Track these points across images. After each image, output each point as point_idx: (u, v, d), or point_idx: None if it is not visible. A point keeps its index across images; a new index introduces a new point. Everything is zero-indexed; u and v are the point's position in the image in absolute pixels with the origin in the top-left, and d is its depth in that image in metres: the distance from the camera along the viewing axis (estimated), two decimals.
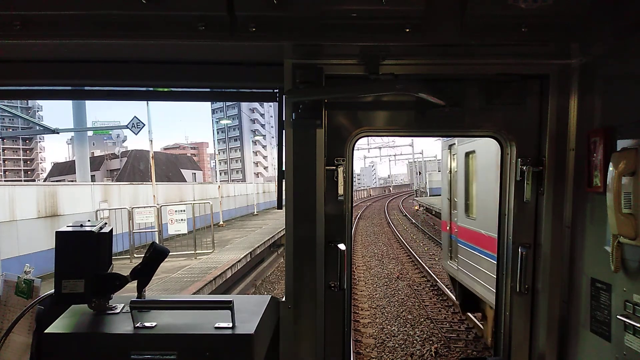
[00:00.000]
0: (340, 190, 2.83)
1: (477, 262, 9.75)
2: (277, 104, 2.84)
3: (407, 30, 2.27)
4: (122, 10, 2.18)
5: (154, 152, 29.62)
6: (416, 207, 50.01)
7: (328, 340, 2.91)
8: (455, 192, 11.72)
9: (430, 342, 10.96)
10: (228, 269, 16.20)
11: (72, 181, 36.90)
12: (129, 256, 18.84)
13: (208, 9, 2.19)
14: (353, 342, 10.79)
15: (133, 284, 2.54)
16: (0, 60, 2.69)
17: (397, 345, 10.84)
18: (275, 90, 2.88)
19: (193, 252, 19.46)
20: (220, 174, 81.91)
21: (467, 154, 10.52)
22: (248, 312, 2.44)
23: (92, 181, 29.89)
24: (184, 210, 21.53)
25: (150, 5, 2.10)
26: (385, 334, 11.66)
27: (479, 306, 10.39)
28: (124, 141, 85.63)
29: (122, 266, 3.57)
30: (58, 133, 25.35)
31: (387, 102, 2.88)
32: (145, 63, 2.78)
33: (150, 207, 22.49)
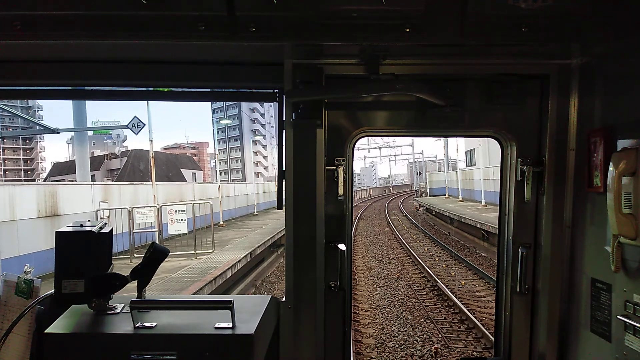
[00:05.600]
0: (341, 190, 2.83)
1: None
2: (277, 104, 2.84)
3: (407, 30, 2.27)
4: (122, 10, 2.17)
5: (154, 152, 29.60)
6: (416, 207, 50.06)
7: (328, 341, 2.91)
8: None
9: (430, 342, 10.96)
10: (228, 269, 16.20)
11: (72, 181, 36.95)
12: (129, 256, 18.83)
13: (208, 9, 2.19)
14: (353, 342, 10.79)
15: (133, 284, 2.53)
16: (0, 60, 2.69)
17: (397, 346, 10.84)
18: (275, 90, 2.88)
19: (193, 252, 19.46)
20: (221, 173, 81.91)
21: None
22: (248, 312, 2.43)
23: (92, 181, 29.89)
24: (184, 210, 21.53)
25: (150, 5, 2.10)
26: (385, 334, 11.66)
27: None
28: (124, 141, 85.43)
29: (122, 266, 3.57)
30: (58, 133, 25.34)
31: (387, 102, 2.88)
32: (145, 63, 2.77)
33: (150, 207, 22.48)
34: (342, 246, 2.82)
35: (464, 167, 51.45)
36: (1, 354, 2.37)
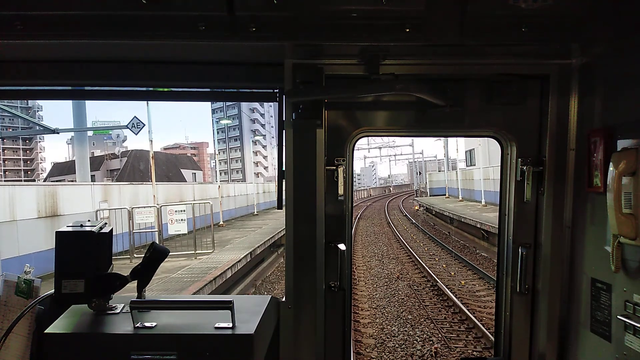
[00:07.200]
0: (341, 190, 2.83)
1: None
2: (277, 104, 2.84)
3: (407, 30, 2.27)
4: (122, 10, 2.18)
5: (154, 152, 29.59)
6: (416, 207, 50.07)
7: (328, 340, 2.91)
8: None
9: (430, 342, 10.96)
10: (228, 269, 16.19)
11: (72, 181, 36.92)
12: (129, 256, 18.84)
13: (208, 9, 2.19)
14: (353, 342, 10.79)
15: (133, 284, 2.53)
16: (0, 60, 2.69)
17: (397, 346, 10.84)
18: (275, 90, 2.88)
19: (193, 252, 19.46)
20: (220, 174, 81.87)
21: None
22: (248, 312, 2.44)
23: (92, 181, 29.88)
24: (184, 210, 21.52)
25: (150, 5, 2.10)
26: (385, 334, 11.66)
27: None
28: (124, 141, 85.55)
29: (122, 266, 3.57)
30: (58, 133, 25.33)
31: (387, 102, 2.88)
32: (145, 63, 2.78)
33: (150, 207, 22.48)
34: (342, 246, 2.82)
35: (464, 167, 51.46)
36: (1, 354, 2.37)
